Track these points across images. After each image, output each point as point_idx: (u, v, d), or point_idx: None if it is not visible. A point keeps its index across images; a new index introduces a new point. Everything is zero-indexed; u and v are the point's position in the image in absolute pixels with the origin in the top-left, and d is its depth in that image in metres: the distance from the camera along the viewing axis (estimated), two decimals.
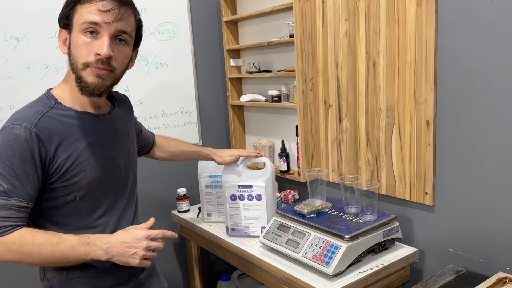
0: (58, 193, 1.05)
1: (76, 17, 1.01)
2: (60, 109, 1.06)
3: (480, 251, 1.41)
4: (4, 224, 0.96)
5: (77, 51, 1.01)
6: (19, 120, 0.99)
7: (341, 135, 1.79)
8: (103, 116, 1.15)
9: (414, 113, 1.50)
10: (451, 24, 1.37)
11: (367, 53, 1.62)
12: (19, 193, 0.97)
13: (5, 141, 0.96)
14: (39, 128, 0.99)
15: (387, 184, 1.64)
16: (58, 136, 1.02)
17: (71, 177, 1.04)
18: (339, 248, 1.39)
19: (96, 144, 1.10)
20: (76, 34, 1.01)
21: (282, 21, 2.02)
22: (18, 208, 0.98)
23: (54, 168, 1.02)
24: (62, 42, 1.07)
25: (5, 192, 0.96)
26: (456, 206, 1.45)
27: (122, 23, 1.03)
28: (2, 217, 0.96)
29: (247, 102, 2.22)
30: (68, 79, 1.08)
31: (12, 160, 0.96)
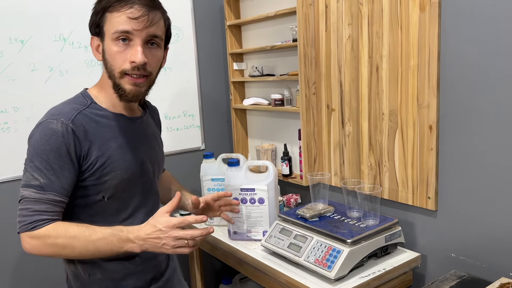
0: (87, 192, 1.06)
1: (107, 26, 1.02)
2: (95, 108, 1.08)
3: (483, 256, 1.40)
4: (39, 218, 0.97)
5: (112, 60, 1.03)
6: (56, 115, 1.01)
7: (344, 139, 1.80)
8: (136, 119, 1.17)
9: (417, 117, 1.50)
10: (454, 29, 1.37)
11: (370, 58, 1.63)
12: (54, 187, 0.99)
13: (42, 136, 0.98)
14: (75, 124, 1.01)
15: (389, 189, 1.64)
16: (92, 134, 1.04)
17: (101, 176, 1.05)
18: (341, 252, 1.39)
19: (127, 146, 1.11)
20: (109, 42, 1.02)
21: (285, 26, 2.03)
22: (54, 202, 0.99)
23: (87, 165, 1.03)
24: (95, 49, 1.08)
25: (41, 186, 0.98)
26: (459, 211, 1.45)
27: (153, 28, 1.03)
28: (38, 211, 0.97)
29: (250, 106, 2.22)
30: (103, 81, 1.10)
31: (49, 155, 0.98)
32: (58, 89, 1.87)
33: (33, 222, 0.97)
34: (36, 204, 0.98)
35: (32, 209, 0.98)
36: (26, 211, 0.98)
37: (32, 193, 0.98)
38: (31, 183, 0.98)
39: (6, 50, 1.74)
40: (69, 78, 1.89)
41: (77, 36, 1.90)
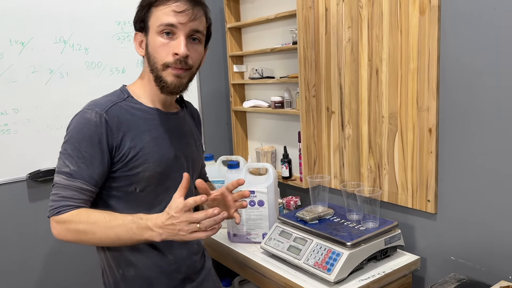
0: (119, 183, 1.07)
1: (152, 20, 1.06)
2: (132, 102, 1.10)
3: (482, 260, 1.40)
4: (65, 204, 1.00)
5: (155, 53, 1.06)
6: (91, 106, 1.05)
7: (344, 142, 1.80)
8: (171, 114, 1.18)
9: (417, 120, 1.50)
10: (454, 33, 1.38)
11: (369, 61, 1.63)
12: (83, 175, 1.01)
13: (77, 125, 1.02)
14: (109, 115, 1.04)
15: (389, 192, 1.64)
16: (126, 125, 1.06)
17: (134, 167, 1.06)
18: (341, 255, 1.39)
19: (161, 139, 1.12)
20: (153, 36, 1.06)
21: (285, 28, 2.03)
22: (81, 190, 1.01)
23: (120, 156, 1.05)
24: (138, 44, 1.11)
25: (70, 173, 1.00)
26: (458, 214, 1.45)
27: (196, 22, 1.06)
28: (65, 197, 1.00)
29: (250, 108, 2.22)
30: (144, 77, 1.13)
31: (81, 143, 1.01)
32: (58, 91, 1.87)
33: (59, 207, 1.00)
34: (65, 190, 1.00)
35: (60, 195, 1.01)
36: (55, 196, 1.01)
37: (62, 179, 1.01)
38: (62, 170, 1.01)
39: (6, 52, 1.75)
40: (70, 80, 1.89)
41: (78, 38, 1.90)
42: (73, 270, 1.99)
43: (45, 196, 1.89)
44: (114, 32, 1.98)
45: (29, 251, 1.87)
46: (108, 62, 1.98)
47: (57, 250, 1.94)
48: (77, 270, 2.00)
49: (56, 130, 1.88)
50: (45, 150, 1.86)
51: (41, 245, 1.89)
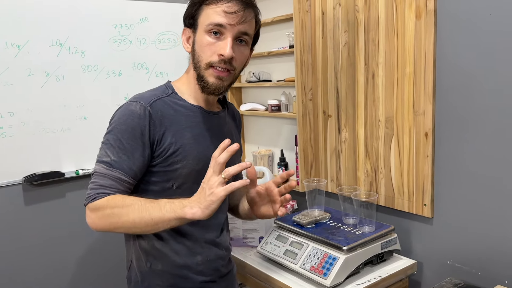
0: (157, 178, 1.07)
1: (202, 17, 1.05)
2: (176, 98, 1.10)
3: (479, 264, 1.40)
4: (102, 191, 0.99)
5: (201, 51, 1.05)
6: (137, 98, 1.05)
7: (340, 146, 1.80)
8: (213, 113, 1.17)
9: (413, 124, 1.50)
10: (450, 37, 1.38)
11: (366, 65, 1.63)
12: (123, 166, 1.01)
13: (121, 116, 1.03)
14: (153, 108, 1.03)
15: (385, 196, 1.64)
16: (168, 120, 1.05)
17: (173, 163, 1.06)
18: (337, 259, 1.39)
19: (202, 137, 1.11)
20: (201, 34, 1.05)
21: (282, 32, 2.03)
22: (119, 181, 1.01)
23: (160, 150, 1.04)
24: (185, 40, 1.11)
25: (110, 163, 1.00)
26: (455, 218, 1.45)
27: (245, 25, 1.05)
28: (103, 185, 1.00)
29: (247, 111, 2.22)
30: (188, 73, 1.13)
31: (123, 134, 1.01)
32: (54, 94, 1.86)
33: (95, 194, 0.99)
34: (103, 179, 1.00)
35: (98, 183, 1.00)
36: (93, 184, 1.01)
37: (102, 168, 1.01)
38: (103, 159, 1.01)
39: (2, 54, 1.74)
40: (66, 83, 1.89)
41: (74, 41, 1.89)
42: (69, 276, 1.98)
43: (41, 200, 1.89)
44: (110, 35, 1.98)
45: (24, 255, 1.86)
46: (104, 65, 1.97)
47: (53, 253, 1.93)
48: (73, 275, 1.99)
49: (52, 133, 1.88)
50: (41, 153, 1.85)
51: (36, 249, 1.88)
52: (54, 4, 1.83)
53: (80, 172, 1.93)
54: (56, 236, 1.93)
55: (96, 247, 2.04)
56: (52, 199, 1.92)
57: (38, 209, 1.88)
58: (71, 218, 1.95)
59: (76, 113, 1.92)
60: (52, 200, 1.92)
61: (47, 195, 1.90)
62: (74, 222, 1.96)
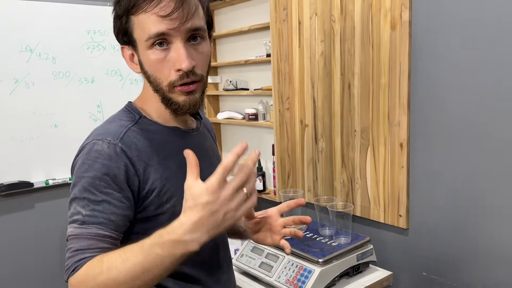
0: (147, 224, 0.86)
1: (136, 32, 0.84)
2: (146, 123, 0.90)
3: (454, 275, 1.40)
4: (81, 257, 0.78)
5: (154, 72, 0.85)
6: (100, 135, 0.84)
7: (317, 155, 1.78)
8: (192, 132, 0.97)
9: (388, 135, 1.50)
10: (424, 48, 1.39)
11: (342, 75, 1.63)
12: (99, 219, 0.81)
13: (85, 160, 0.82)
14: (126, 144, 0.84)
15: (361, 206, 1.63)
16: (146, 154, 0.86)
17: (162, 203, 0.86)
18: (313, 272, 1.36)
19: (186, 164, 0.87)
20: (144, 51, 0.85)
21: (259, 40, 2.02)
22: (98, 237, 0.80)
23: (145, 191, 0.85)
24: (129, 60, 0.90)
25: (82, 220, 0.80)
26: (429, 229, 1.45)
27: (192, 20, 0.83)
28: (80, 249, 0.79)
29: (224, 120, 2.20)
30: (148, 94, 0.91)
31: (93, 182, 0.81)
32: (23, 101, 1.80)
33: (74, 263, 0.79)
34: (78, 241, 0.80)
35: (74, 248, 0.80)
36: (69, 252, 0.80)
37: (74, 229, 0.81)
38: (73, 218, 0.81)
39: None
40: (36, 90, 1.83)
41: (45, 47, 1.84)
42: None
43: (9, 211, 1.81)
44: (83, 41, 1.93)
45: None
46: (76, 72, 1.92)
47: (21, 265, 1.85)
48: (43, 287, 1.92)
49: (21, 142, 1.81)
50: (9, 162, 1.78)
51: (3, 261, 1.81)
52: (23, 9, 1.77)
53: (50, 182, 1.87)
54: (24, 248, 1.86)
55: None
56: (20, 210, 1.85)
57: (5, 220, 1.81)
58: (41, 230, 1.89)
59: (46, 121, 1.86)
60: (20, 211, 1.85)
61: (15, 206, 1.83)
62: (44, 233, 1.89)
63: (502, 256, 1.27)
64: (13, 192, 1.81)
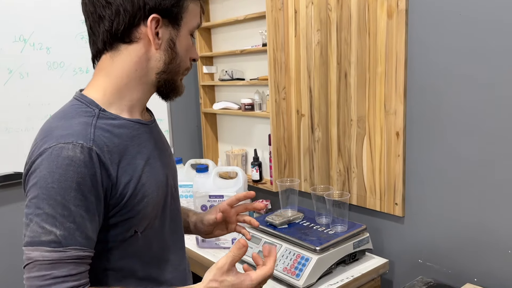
0: (117, 230, 0.80)
1: (187, 16, 0.84)
2: (107, 117, 0.80)
3: (449, 262, 1.42)
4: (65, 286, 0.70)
5: (183, 55, 0.85)
6: (67, 137, 0.73)
7: (313, 145, 1.79)
8: (151, 123, 0.91)
9: (384, 124, 1.51)
10: (421, 37, 1.39)
11: (338, 64, 1.62)
12: (76, 239, 0.72)
13: (54, 169, 0.71)
14: (99, 146, 0.75)
15: (357, 195, 1.64)
16: (117, 154, 0.78)
17: (134, 206, 0.80)
18: (310, 260, 1.38)
19: (153, 159, 0.86)
20: (184, 35, 0.84)
21: (255, 30, 2.01)
22: (77, 260, 0.72)
23: (116, 196, 0.78)
24: (154, 33, 0.81)
25: (58, 241, 0.70)
26: (425, 217, 1.46)
27: None
28: (59, 277, 0.70)
29: (220, 110, 2.19)
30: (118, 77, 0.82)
31: (66, 195, 0.71)
32: (18, 92, 1.79)
33: None
34: (55, 267, 0.70)
35: (50, 276, 0.70)
36: (40, 280, 0.70)
37: (45, 253, 0.70)
38: (42, 239, 0.70)
39: None
40: (30, 80, 1.81)
41: (39, 37, 1.82)
42: None
43: (4, 203, 1.81)
44: (77, 31, 1.91)
45: None
46: (71, 62, 1.90)
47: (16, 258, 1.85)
48: None
49: (16, 133, 1.80)
50: (4, 153, 1.77)
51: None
52: None
53: None
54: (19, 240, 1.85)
55: None
56: (15, 202, 1.84)
57: (1, 212, 1.80)
58: None
59: (41, 111, 1.85)
60: (15, 202, 1.84)
61: (10, 197, 1.82)
62: None
63: (497, 244, 1.29)
64: (8, 184, 1.80)
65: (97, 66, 0.84)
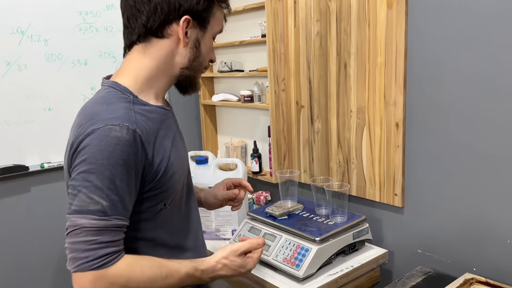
0: (149, 203, 0.92)
1: (214, 20, 0.97)
2: (140, 103, 0.91)
3: (448, 252, 1.42)
4: (107, 252, 0.80)
5: (206, 55, 0.98)
6: (114, 119, 0.83)
7: (313, 136, 1.79)
8: (171, 109, 1.04)
9: (384, 115, 1.51)
10: (421, 27, 1.38)
11: (338, 55, 1.62)
12: (118, 210, 0.83)
13: (103, 147, 0.81)
14: (140, 128, 0.86)
15: (357, 186, 1.64)
16: (152, 136, 0.90)
17: (165, 182, 0.92)
18: (310, 250, 1.38)
19: (175, 141, 0.98)
20: (209, 37, 0.98)
21: (254, 21, 2.00)
22: (118, 229, 0.83)
23: (151, 174, 0.89)
24: (184, 33, 0.92)
25: (104, 211, 0.81)
26: (425, 207, 1.47)
27: None
28: (103, 242, 0.80)
29: (219, 102, 2.19)
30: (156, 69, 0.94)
31: (113, 170, 0.81)
32: (16, 84, 1.78)
33: (100, 258, 0.80)
34: (100, 234, 0.80)
35: (96, 241, 0.80)
36: (87, 244, 0.79)
37: (93, 220, 0.80)
38: (90, 208, 0.80)
39: None
40: (28, 72, 1.80)
41: (37, 29, 1.81)
42: (33, 273, 1.91)
43: (4, 195, 1.81)
44: (75, 23, 1.90)
45: None
46: (69, 54, 1.89)
47: (17, 250, 1.86)
48: (38, 271, 1.92)
49: (15, 125, 1.79)
50: (3, 146, 1.77)
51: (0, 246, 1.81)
52: None
53: (46, 166, 1.86)
54: (20, 232, 1.86)
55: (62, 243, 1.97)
56: (16, 194, 1.84)
57: (1, 204, 1.81)
58: (37, 214, 1.89)
59: (40, 104, 1.85)
60: (16, 195, 1.84)
61: (10, 190, 1.83)
62: (40, 217, 1.89)
63: (496, 234, 1.29)
64: (8, 176, 1.80)
65: (128, 55, 0.95)
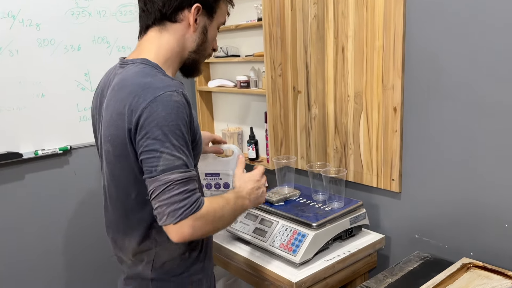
0: None
1: (220, 12, 1.08)
2: (170, 77, 1.03)
3: (445, 237, 1.42)
4: (197, 197, 0.93)
5: (211, 42, 1.10)
6: (170, 87, 0.95)
7: (310, 122, 1.77)
8: None
9: (382, 99, 1.49)
10: (419, 10, 1.35)
11: (335, 38, 1.59)
12: (191, 162, 0.96)
13: (169, 111, 0.92)
14: (185, 94, 0.99)
15: (354, 171, 1.63)
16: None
17: (198, 144, 1.05)
18: (306, 236, 1.37)
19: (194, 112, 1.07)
20: (215, 26, 1.09)
21: (249, 4, 1.96)
22: (196, 178, 0.96)
23: (193, 134, 1.01)
24: (194, 18, 1.04)
25: (185, 164, 0.93)
26: (422, 192, 1.46)
27: None
28: (192, 190, 0.93)
29: (215, 88, 2.16)
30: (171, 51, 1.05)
31: (181, 129, 0.93)
32: (8, 70, 1.75)
33: (194, 202, 0.92)
34: (189, 183, 0.92)
35: (188, 190, 0.92)
36: (182, 194, 0.91)
37: (180, 173, 0.92)
38: (175, 164, 0.91)
39: None
40: (20, 58, 1.77)
41: (28, 13, 1.77)
42: (29, 260, 1.90)
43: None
44: (68, 7, 1.86)
45: None
46: (62, 39, 1.86)
47: (11, 238, 1.85)
48: (35, 259, 1.92)
49: (7, 112, 1.77)
50: None
51: None
52: None
53: (40, 153, 1.84)
54: (15, 220, 1.84)
55: (57, 229, 1.96)
56: (10, 182, 1.82)
57: None
58: (31, 201, 1.87)
59: (33, 90, 1.81)
60: (10, 182, 1.82)
61: (4, 177, 1.81)
62: (34, 204, 1.88)
63: (494, 218, 1.29)
64: (2, 163, 1.78)
65: (145, 37, 1.06)
